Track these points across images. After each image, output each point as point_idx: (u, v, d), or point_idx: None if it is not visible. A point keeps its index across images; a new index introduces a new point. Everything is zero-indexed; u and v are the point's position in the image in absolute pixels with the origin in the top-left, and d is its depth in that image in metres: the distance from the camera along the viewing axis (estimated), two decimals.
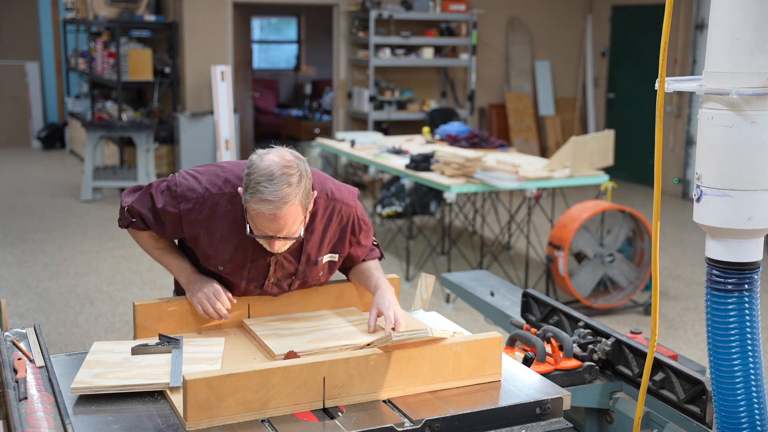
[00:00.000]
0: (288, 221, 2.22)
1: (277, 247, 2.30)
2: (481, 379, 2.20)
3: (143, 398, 2.07)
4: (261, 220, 2.22)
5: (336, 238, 2.50)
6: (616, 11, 11.27)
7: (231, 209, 2.36)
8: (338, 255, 2.53)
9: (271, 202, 2.18)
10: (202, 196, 2.37)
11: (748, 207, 1.84)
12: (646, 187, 10.67)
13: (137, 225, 2.50)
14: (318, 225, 2.44)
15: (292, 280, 2.52)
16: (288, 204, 2.19)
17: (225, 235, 2.39)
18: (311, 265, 2.49)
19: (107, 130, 9.44)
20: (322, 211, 2.44)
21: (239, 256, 2.41)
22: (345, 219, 2.49)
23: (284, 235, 2.26)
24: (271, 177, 2.18)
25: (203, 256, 2.46)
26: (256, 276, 2.47)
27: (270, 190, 2.17)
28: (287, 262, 2.46)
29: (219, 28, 10.11)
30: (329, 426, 1.95)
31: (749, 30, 1.77)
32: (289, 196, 2.19)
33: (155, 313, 2.44)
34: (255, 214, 2.22)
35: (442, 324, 2.63)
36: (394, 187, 8.75)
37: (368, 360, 2.07)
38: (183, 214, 2.37)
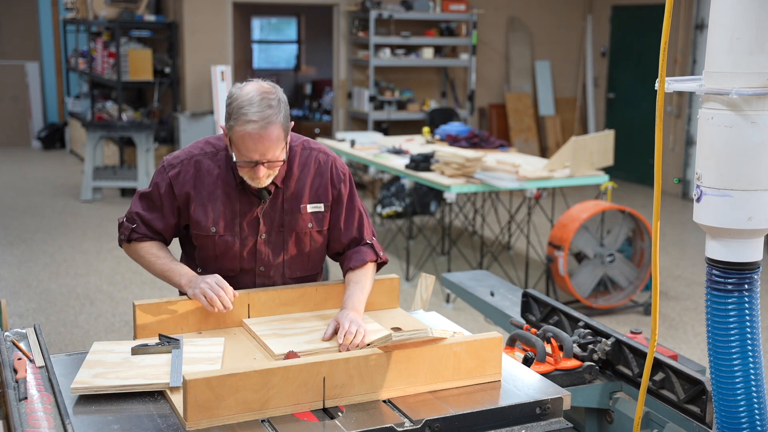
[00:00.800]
0: (272, 142, 2.36)
1: (262, 174, 2.40)
2: (481, 379, 2.20)
3: (143, 398, 2.07)
4: (246, 143, 2.35)
5: (317, 186, 2.59)
6: (616, 11, 11.27)
7: (214, 166, 2.53)
8: (323, 205, 2.60)
9: (256, 122, 2.33)
10: (185, 158, 2.55)
11: (748, 207, 1.84)
12: (646, 187, 10.66)
13: (138, 230, 2.55)
14: (296, 171, 2.56)
15: (283, 235, 2.57)
16: (271, 125, 2.34)
17: (212, 191, 2.52)
18: (296, 213, 2.56)
19: (107, 130, 9.44)
20: (299, 158, 2.57)
21: (228, 211, 2.52)
22: (323, 165, 2.60)
23: (268, 159, 2.37)
24: (252, 101, 2.35)
25: (196, 222, 2.53)
26: (248, 233, 2.54)
27: (253, 111, 2.33)
28: (273, 213, 2.55)
29: (219, 28, 10.11)
30: (329, 426, 1.95)
31: (749, 30, 1.77)
32: (272, 117, 2.35)
33: (155, 313, 2.43)
34: (240, 137, 2.35)
35: (442, 324, 2.63)
36: (394, 187, 8.75)
37: (368, 360, 2.07)
38: (172, 179, 2.53)
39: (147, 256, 2.57)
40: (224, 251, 2.56)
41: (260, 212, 2.54)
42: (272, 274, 2.62)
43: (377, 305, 2.69)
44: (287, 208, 2.56)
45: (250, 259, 2.58)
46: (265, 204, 2.54)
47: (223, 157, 2.54)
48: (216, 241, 2.55)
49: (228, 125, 2.39)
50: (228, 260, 2.58)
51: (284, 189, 2.55)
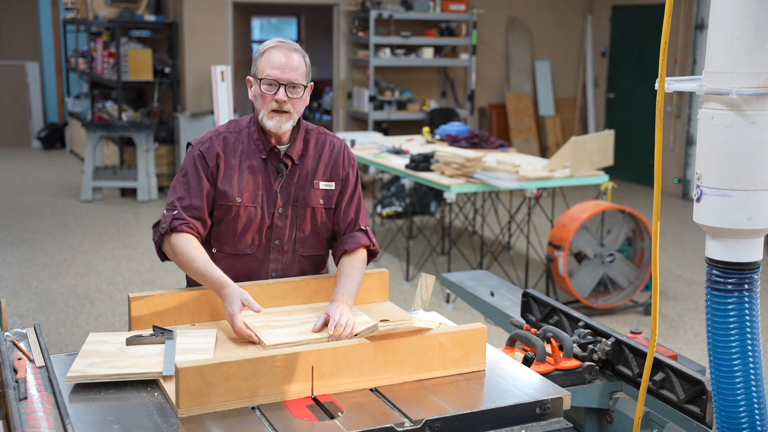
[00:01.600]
0: (294, 63, 2.57)
1: (282, 95, 2.55)
2: (465, 369, 2.25)
3: (143, 399, 2.07)
4: (271, 59, 2.56)
5: (330, 165, 2.73)
6: (616, 11, 11.28)
7: (238, 142, 2.68)
8: (334, 183, 2.73)
9: (281, 44, 2.60)
10: (213, 135, 2.70)
11: (748, 207, 1.84)
12: (646, 187, 10.67)
13: (179, 216, 2.57)
14: (311, 151, 2.72)
15: (297, 210, 2.68)
16: (296, 52, 2.60)
17: (237, 164, 2.65)
18: (309, 188, 2.69)
19: (107, 130, 9.43)
20: (314, 140, 2.74)
21: (251, 183, 2.64)
22: (336, 149, 2.76)
23: (290, 80, 2.55)
24: (277, 41, 2.63)
25: (222, 192, 2.62)
26: (268, 203, 2.65)
27: (279, 40, 2.62)
28: (289, 187, 2.67)
29: (219, 28, 10.10)
30: (329, 426, 1.95)
31: (749, 30, 1.77)
32: (297, 48, 2.62)
33: (150, 306, 2.48)
34: (265, 58, 2.58)
35: (434, 320, 2.65)
36: (394, 187, 8.75)
37: (355, 350, 2.12)
38: (204, 152, 2.65)
39: (184, 255, 2.53)
40: (246, 223, 2.64)
41: (278, 186, 2.65)
42: (286, 249, 2.70)
43: (367, 299, 2.75)
44: (302, 183, 2.68)
45: (268, 233, 2.66)
46: (282, 178, 2.66)
47: (245, 133, 2.68)
48: (240, 213, 2.63)
49: (256, 64, 2.61)
50: (248, 234, 2.65)
51: (300, 166, 2.69)
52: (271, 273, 2.70)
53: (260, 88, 2.57)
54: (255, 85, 2.61)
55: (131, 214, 8.81)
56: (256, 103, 2.63)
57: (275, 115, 2.58)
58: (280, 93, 2.55)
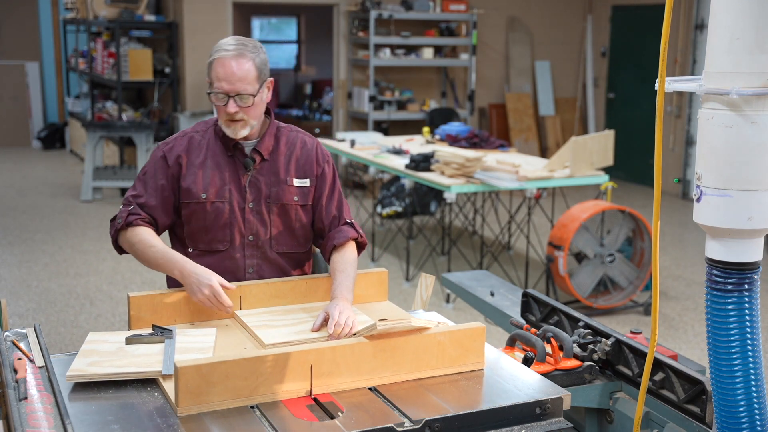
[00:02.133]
0: (242, 73, 2.52)
1: (232, 108, 2.53)
2: (464, 368, 2.26)
3: (143, 398, 2.07)
4: (217, 70, 2.53)
5: (303, 162, 2.73)
6: (616, 11, 11.28)
7: (204, 139, 2.70)
8: (308, 180, 2.73)
9: (228, 51, 2.53)
10: (178, 135, 2.74)
11: (748, 207, 1.84)
12: (646, 187, 10.67)
13: (134, 211, 2.62)
14: (283, 148, 2.72)
15: (269, 206, 2.68)
16: (243, 57, 2.53)
17: (202, 161, 2.66)
18: (282, 185, 2.69)
19: (107, 130, 9.43)
20: (286, 138, 2.74)
21: (217, 178, 2.65)
22: (308, 145, 2.77)
23: (238, 91, 2.52)
24: (228, 41, 2.58)
25: (186, 190, 2.64)
26: (237, 201, 2.66)
27: (227, 44, 2.56)
28: (259, 183, 2.68)
29: (219, 28, 10.10)
30: (329, 426, 1.95)
31: (749, 30, 1.77)
32: (245, 51, 2.54)
33: (149, 305, 2.49)
34: (213, 67, 2.54)
35: (434, 320, 2.65)
36: (394, 187, 8.75)
37: (354, 349, 2.12)
38: (166, 153, 2.68)
39: (140, 243, 2.58)
40: (214, 219, 2.64)
41: (246, 181, 2.66)
42: (261, 244, 2.69)
43: (365, 298, 2.76)
44: (274, 180, 2.69)
45: (239, 228, 2.66)
46: (250, 173, 2.66)
47: (211, 132, 2.70)
48: (207, 209, 2.64)
49: (207, 64, 2.58)
50: (219, 230, 2.65)
51: (271, 162, 2.69)
52: (248, 269, 2.70)
53: (211, 98, 2.58)
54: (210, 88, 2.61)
55: None
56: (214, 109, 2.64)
57: (230, 123, 2.59)
58: (230, 105, 2.54)
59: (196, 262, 2.57)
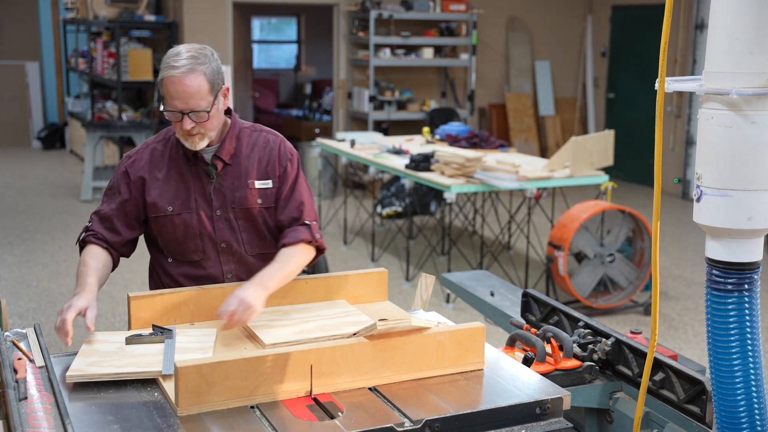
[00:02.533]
0: (194, 89, 2.45)
1: (189, 126, 2.48)
2: (463, 368, 2.25)
3: (143, 398, 2.07)
4: (168, 89, 2.45)
5: (265, 163, 2.67)
6: (616, 11, 11.27)
7: (165, 150, 2.66)
8: (271, 181, 2.66)
9: (177, 68, 2.44)
10: (141, 148, 2.70)
11: (748, 207, 1.84)
12: (646, 187, 10.66)
13: (93, 227, 2.62)
14: (244, 150, 2.66)
15: (235, 211, 2.63)
16: (194, 72, 2.45)
17: (165, 172, 2.63)
18: (244, 189, 2.63)
19: (107, 130, 9.43)
20: (248, 138, 2.68)
21: (182, 189, 2.62)
22: (272, 143, 2.70)
23: (192, 108, 2.46)
24: (178, 53, 2.49)
25: (152, 205, 2.61)
26: (203, 207, 2.62)
27: (177, 59, 2.46)
28: (223, 189, 2.63)
29: (219, 28, 10.10)
30: (329, 426, 1.95)
31: (749, 30, 1.77)
32: (195, 66, 2.46)
33: (149, 305, 2.49)
34: (163, 85, 2.46)
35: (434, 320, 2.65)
36: (394, 187, 8.75)
37: (354, 348, 2.12)
38: (128, 167, 2.65)
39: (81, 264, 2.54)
40: (185, 231, 2.62)
41: (211, 188, 2.63)
42: (235, 250, 2.66)
43: (366, 298, 2.76)
44: (237, 184, 2.64)
45: (210, 237, 2.64)
46: (213, 180, 2.62)
47: (173, 141, 2.65)
48: (175, 222, 2.62)
49: (158, 80, 2.51)
50: (190, 240, 2.63)
51: (233, 166, 2.64)
52: (227, 275, 2.67)
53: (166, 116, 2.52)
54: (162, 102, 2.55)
55: None
56: None
57: (188, 138, 2.54)
58: (186, 122, 2.48)
59: (174, 271, 2.63)
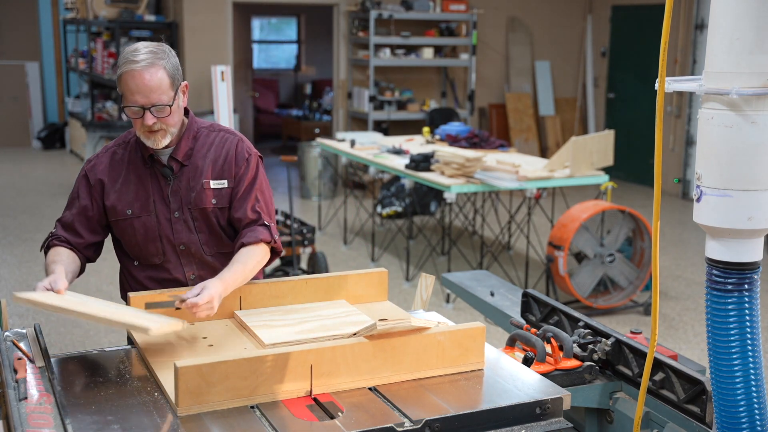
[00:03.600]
0: (155, 83, 2.43)
1: (151, 121, 2.46)
2: (464, 368, 2.25)
3: (143, 398, 2.07)
4: (129, 84, 2.43)
5: (221, 163, 2.64)
6: (616, 11, 11.28)
7: (124, 153, 2.65)
8: (226, 181, 2.64)
9: (137, 62, 2.42)
10: (102, 152, 2.69)
11: (748, 207, 1.84)
12: (646, 187, 10.67)
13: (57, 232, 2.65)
14: (200, 149, 2.64)
15: (191, 212, 2.62)
16: (154, 66, 2.44)
17: (124, 177, 2.62)
18: (199, 189, 2.62)
19: (107, 130, 9.44)
20: (203, 138, 2.66)
21: (141, 192, 2.61)
22: (228, 144, 2.67)
23: (153, 102, 2.44)
24: (136, 48, 2.47)
25: (112, 208, 2.61)
26: (161, 209, 2.61)
27: (136, 54, 2.45)
28: (179, 190, 2.62)
29: (219, 28, 10.10)
30: (329, 426, 1.95)
31: (749, 30, 1.77)
32: (155, 60, 2.45)
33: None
34: (124, 81, 2.44)
35: (431, 318, 2.66)
36: (394, 187, 8.75)
37: (354, 348, 2.12)
38: (87, 171, 2.65)
39: (47, 262, 2.56)
40: (145, 234, 2.62)
41: (168, 190, 2.62)
42: (194, 251, 2.65)
43: (366, 298, 2.76)
44: (192, 185, 2.63)
45: (169, 239, 2.63)
46: (170, 182, 2.62)
47: (133, 143, 2.65)
48: (135, 225, 2.61)
49: (117, 76, 2.48)
50: (150, 243, 2.63)
51: (189, 167, 2.63)
52: (189, 276, 2.66)
53: (126, 112, 2.50)
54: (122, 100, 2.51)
55: None
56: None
57: (150, 135, 2.51)
58: (147, 118, 2.46)
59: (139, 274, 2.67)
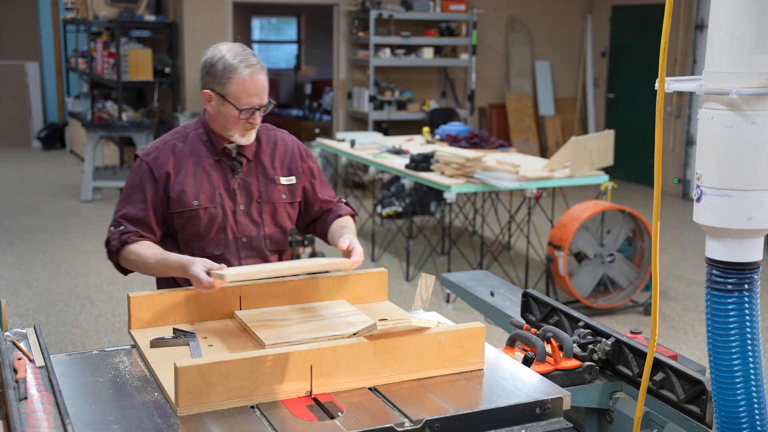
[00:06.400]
0: (265, 86, 2.58)
1: (259, 119, 2.61)
2: (464, 368, 2.25)
3: (143, 398, 2.07)
4: (248, 88, 2.54)
5: (287, 160, 2.79)
6: (616, 11, 11.28)
7: (186, 146, 2.69)
8: (294, 177, 2.78)
9: (254, 65, 2.55)
10: (160, 144, 2.71)
11: (748, 207, 1.84)
12: (646, 187, 10.67)
13: (127, 229, 2.61)
14: (265, 147, 2.76)
15: (260, 206, 2.72)
16: (263, 69, 2.59)
17: (189, 168, 2.66)
18: (270, 184, 2.74)
19: (107, 130, 9.44)
20: (266, 138, 2.77)
21: (207, 184, 2.67)
22: (290, 144, 2.82)
23: (264, 102, 2.58)
24: (239, 53, 2.58)
25: (177, 200, 2.64)
26: (227, 202, 2.68)
27: (247, 59, 2.56)
28: (248, 185, 2.71)
29: (219, 28, 10.10)
30: (329, 426, 1.95)
31: (749, 30, 1.77)
32: (261, 63, 2.60)
33: (149, 305, 2.49)
34: (240, 85, 2.54)
35: (431, 318, 2.66)
36: (394, 187, 8.75)
37: (354, 348, 2.12)
38: (151, 163, 2.66)
39: (138, 259, 2.59)
40: (208, 225, 2.66)
41: (235, 184, 2.69)
42: (255, 245, 2.73)
43: (366, 298, 2.76)
44: (262, 180, 2.72)
45: (233, 231, 2.69)
46: (238, 175, 2.69)
47: (194, 137, 2.70)
48: (200, 216, 2.65)
49: (220, 83, 2.57)
50: (213, 234, 2.67)
51: (256, 162, 2.72)
52: None
53: (236, 113, 2.57)
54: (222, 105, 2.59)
55: None
56: (221, 121, 2.62)
57: (245, 132, 2.63)
58: (257, 117, 2.60)
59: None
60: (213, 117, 2.66)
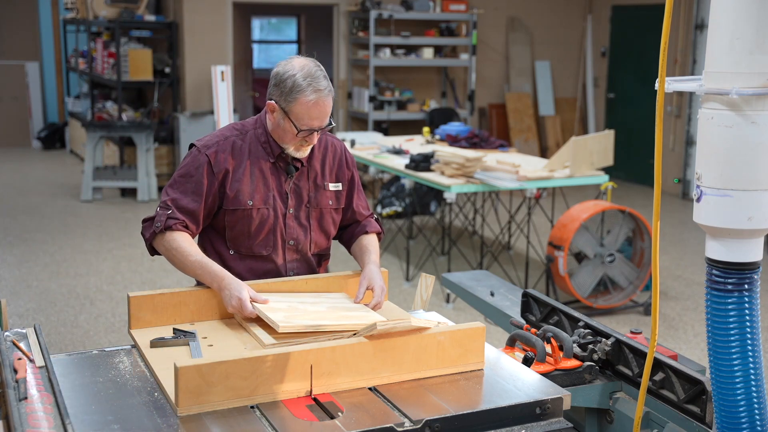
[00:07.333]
0: (329, 108, 2.58)
1: (316, 139, 2.63)
2: (464, 368, 2.26)
3: (143, 398, 2.07)
4: (312, 111, 2.54)
5: (335, 167, 2.81)
6: (616, 11, 11.27)
7: (245, 144, 2.69)
8: (341, 184, 2.81)
9: (321, 90, 2.53)
10: (220, 139, 2.69)
11: (748, 207, 1.84)
12: (646, 187, 10.66)
13: (173, 215, 2.59)
14: (317, 154, 2.76)
15: (309, 210, 2.74)
16: (331, 93, 2.58)
17: (246, 167, 2.66)
18: (320, 190, 2.76)
19: (107, 130, 9.43)
20: (318, 143, 2.75)
21: (262, 185, 2.67)
22: (339, 150, 2.84)
23: (324, 125, 2.59)
24: (313, 74, 2.55)
25: (233, 198, 2.63)
26: (279, 204, 2.70)
27: (317, 82, 2.53)
28: (299, 189, 2.73)
29: (219, 28, 10.10)
30: (329, 426, 1.95)
31: (749, 30, 1.77)
32: (329, 87, 2.58)
33: (149, 305, 2.49)
34: (305, 107, 2.53)
35: (431, 318, 2.66)
36: (394, 187, 8.75)
37: (354, 348, 2.13)
38: (210, 157, 2.63)
39: (180, 250, 2.56)
40: (259, 226, 2.67)
41: (288, 187, 2.70)
42: (301, 248, 2.75)
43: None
44: (312, 185, 2.74)
45: (281, 234, 2.70)
46: (291, 179, 2.70)
47: (252, 136, 2.70)
48: (252, 216, 2.66)
49: (286, 99, 2.54)
50: (262, 235, 2.68)
51: (308, 168, 2.74)
52: (289, 272, 2.75)
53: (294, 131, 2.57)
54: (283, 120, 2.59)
55: (131, 214, 8.81)
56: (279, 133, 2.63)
57: (301, 147, 2.64)
58: (314, 137, 2.61)
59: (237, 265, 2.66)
60: (273, 127, 2.66)
